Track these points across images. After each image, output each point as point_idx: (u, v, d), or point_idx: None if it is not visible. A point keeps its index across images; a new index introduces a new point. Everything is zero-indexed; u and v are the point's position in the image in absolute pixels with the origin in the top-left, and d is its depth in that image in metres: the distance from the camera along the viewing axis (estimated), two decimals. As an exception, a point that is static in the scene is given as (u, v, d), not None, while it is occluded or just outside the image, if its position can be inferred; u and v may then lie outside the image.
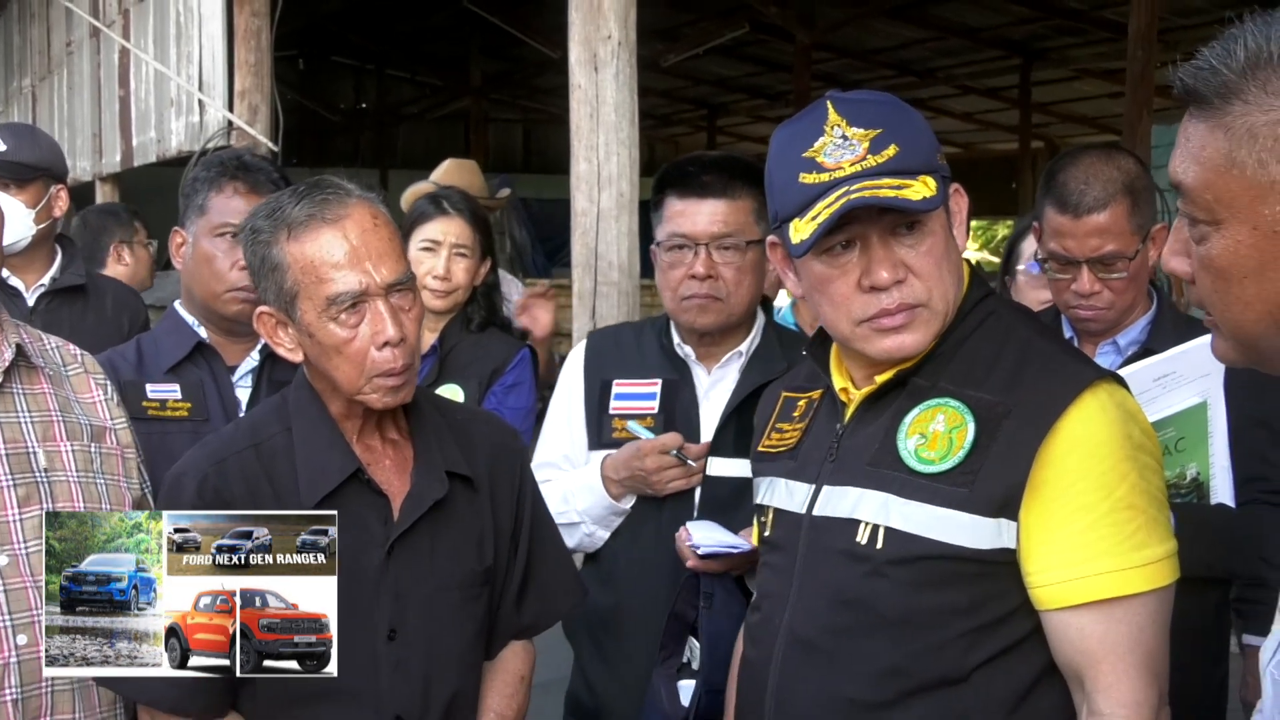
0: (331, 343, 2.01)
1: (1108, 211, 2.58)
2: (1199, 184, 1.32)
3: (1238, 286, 1.31)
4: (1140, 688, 1.81)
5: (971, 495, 1.81)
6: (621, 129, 4.33)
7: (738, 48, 16.63)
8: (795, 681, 1.93)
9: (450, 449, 2.16)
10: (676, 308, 2.69)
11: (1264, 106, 1.26)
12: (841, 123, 1.86)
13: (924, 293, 1.87)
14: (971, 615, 1.84)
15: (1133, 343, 2.68)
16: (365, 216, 2.03)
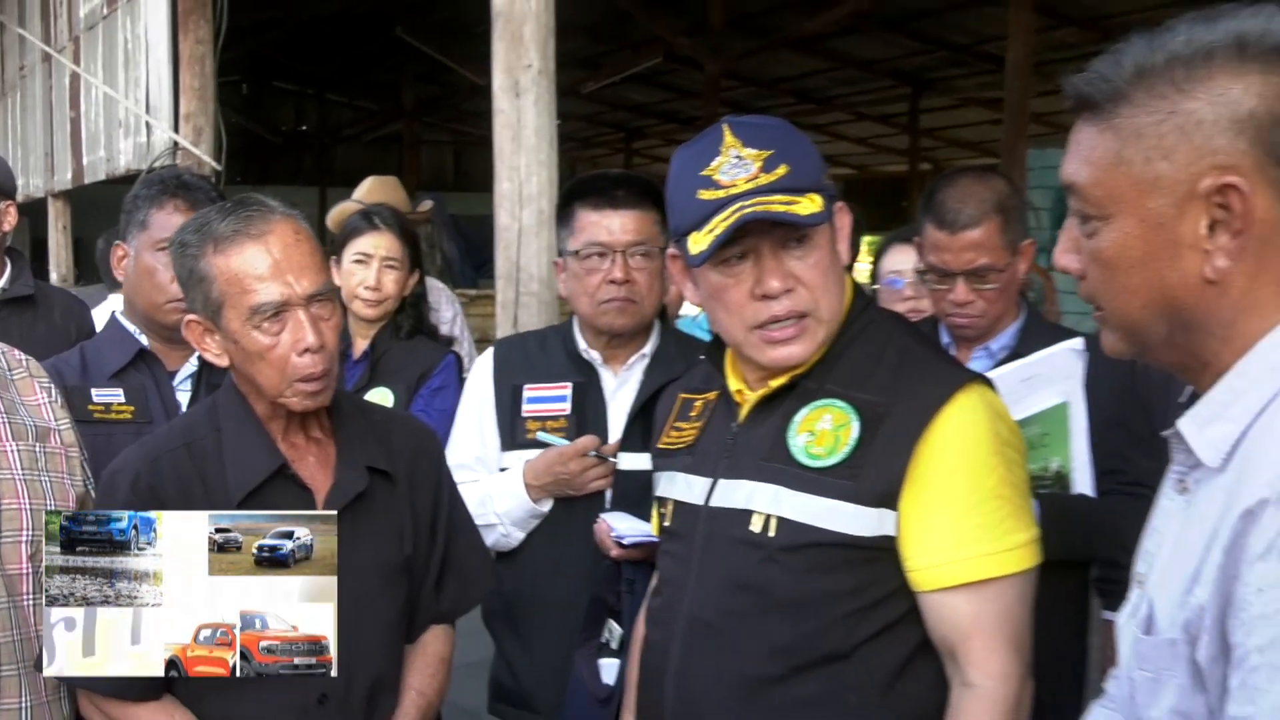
0: (255, 349, 2.00)
1: (981, 228, 2.61)
2: (1090, 182, 1.35)
3: (1124, 276, 1.34)
4: (1008, 660, 1.84)
5: (856, 488, 1.83)
6: (541, 151, 4.33)
7: (652, 76, 16.66)
8: (695, 660, 1.93)
9: (371, 446, 2.16)
10: (594, 311, 2.67)
11: (1149, 109, 1.29)
12: (737, 144, 1.88)
13: (811, 302, 1.88)
14: (855, 597, 1.86)
15: (1003, 348, 2.71)
16: (288, 232, 2.02)
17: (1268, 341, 1.30)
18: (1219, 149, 1.27)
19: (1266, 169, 1.26)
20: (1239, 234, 1.27)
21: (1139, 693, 1.36)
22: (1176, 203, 1.29)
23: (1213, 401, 1.33)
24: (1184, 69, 1.28)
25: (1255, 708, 1.18)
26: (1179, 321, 1.33)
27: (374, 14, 15.18)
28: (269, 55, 17.78)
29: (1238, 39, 1.27)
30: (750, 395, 1.99)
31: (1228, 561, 1.22)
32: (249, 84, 20.12)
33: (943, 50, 15.13)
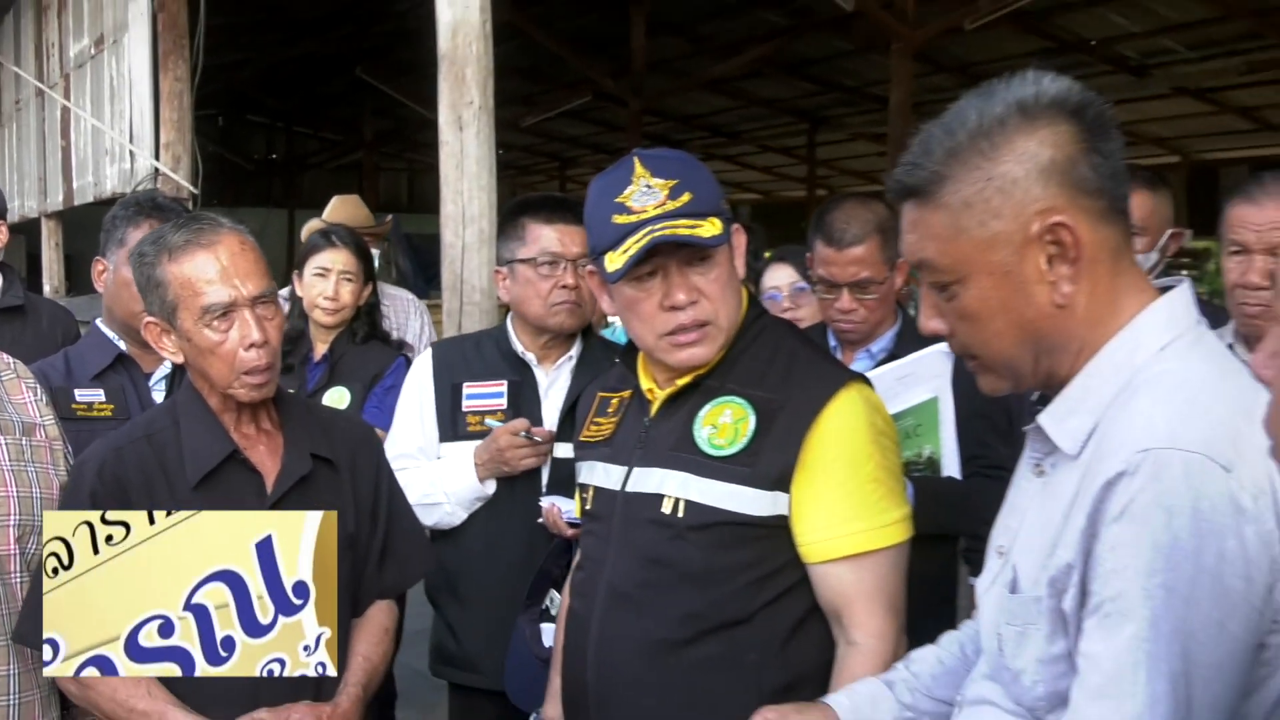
0: (206, 345, 1.99)
1: (863, 245, 2.64)
2: (937, 255, 1.38)
3: (990, 324, 1.37)
4: (885, 621, 1.87)
5: (753, 473, 1.85)
6: (481, 177, 4.30)
7: (583, 112, 16.62)
8: (614, 627, 1.93)
9: (316, 437, 2.15)
10: (545, 313, 2.65)
11: (969, 181, 1.33)
12: (646, 174, 1.88)
13: (712, 311, 1.89)
14: (754, 569, 1.87)
15: (882, 350, 2.74)
16: (234, 242, 2.02)
17: (1113, 344, 1.33)
18: (1036, 197, 1.31)
19: (1078, 200, 1.31)
20: (1075, 261, 1.31)
21: (1006, 645, 1.38)
22: (1016, 250, 1.33)
23: (1068, 398, 1.37)
24: (986, 140, 1.32)
25: (1104, 647, 1.22)
26: (1042, 348, 1.36)
27: (337, 56, 15.06)
28: (242, 91, 17.53)
29: (1019, 104, 1.32)
30: (660, 393, 2.00)
31: (1089, 525, 1.25)
32: (224, 117, 19.81)
33: (835, 92, 15.27)
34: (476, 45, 4.31)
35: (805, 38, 12.67)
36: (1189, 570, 1.18)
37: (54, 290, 9.83)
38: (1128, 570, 1.20)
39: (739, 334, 1.96)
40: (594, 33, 13.62)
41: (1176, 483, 1.19)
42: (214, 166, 10.26)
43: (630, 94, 13.52)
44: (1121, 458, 1.23)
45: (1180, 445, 1.20)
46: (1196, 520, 1.18)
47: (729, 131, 18.35)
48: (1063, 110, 1.32)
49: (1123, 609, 1.20)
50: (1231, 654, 1.19)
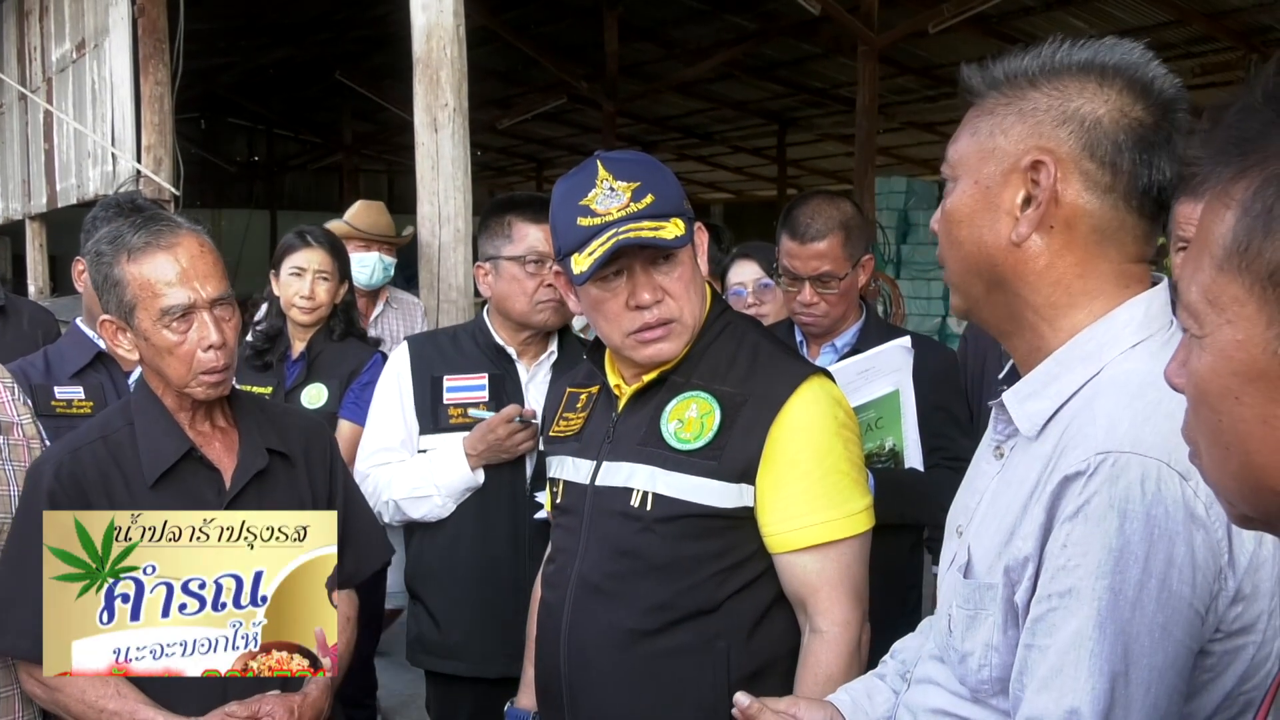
0: (164, 345, 1.97)
1: (826, 240, 2.64)
2: (952, 150, 1.38)
3: (955, 229, 1.36)
4: (848, 609, 1.87)
5: (719, 466, 1.84)
6: (457, 178, 4.28)
7: (558, 114, 16.59)
8: (584, 617, 1.93)
9: (269, 432, 2.14)
10: (530, 310, 2.64)
11: (1008, 97, 1.33)
12: (609, 177, 1.87)
13: (676, 310, 1.89)
14: (721, 559, 1.87)
15: (846, 344, 2.74)
16: (194, 244, 2.00)
17: (1084, 334, 1.31)
18: (1045, 134, 1.29)
19: (1080, 161, 1.29)
20: (1041, 207, 1.29)
21: (956, 626, 1.38)
22: (1004, 173, 1.31)
23: (1033, 380, 1.35)
24: (1040, 71, 1.32)
25: (1050, 640, 1.21)
26: (991, 278, 1.34)
27: (315, 60, 14.99)
28: (224, 95, 17.42)
29: (1090, 56, 1.31)
30: (627, 389, 1.99)
31: (1047, 519, 1.24)
32: (206, 120, 19.69)
33: (803, 93, 15.29)
34: (451, 49, 4.29)
35: (773, 41, 12.68)
36: (1137, 574, 1.17)
37: (39, 291, 9.74)
38: (1078, 569, 1.20)
39: (703, 330, 1.96)
40: (568, 37, 13.60)
41: (1132, 487, 1.18)
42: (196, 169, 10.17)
43: (604, 97, 13.51)
44: (1081, 456, 1.22)
45: (1140, 450, 1.19)
46: (1149, 525, 1.17)
47: (701, 133, 18.36)
48: (1129, 81, 1.30)
49: (1070, 606, 1.20)
50: (1173, 658, 1.19)
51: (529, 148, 21.18)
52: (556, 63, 13.47)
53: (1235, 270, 0.81)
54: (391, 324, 4.64)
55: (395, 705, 4.29)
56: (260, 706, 1.94)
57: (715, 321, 1.98)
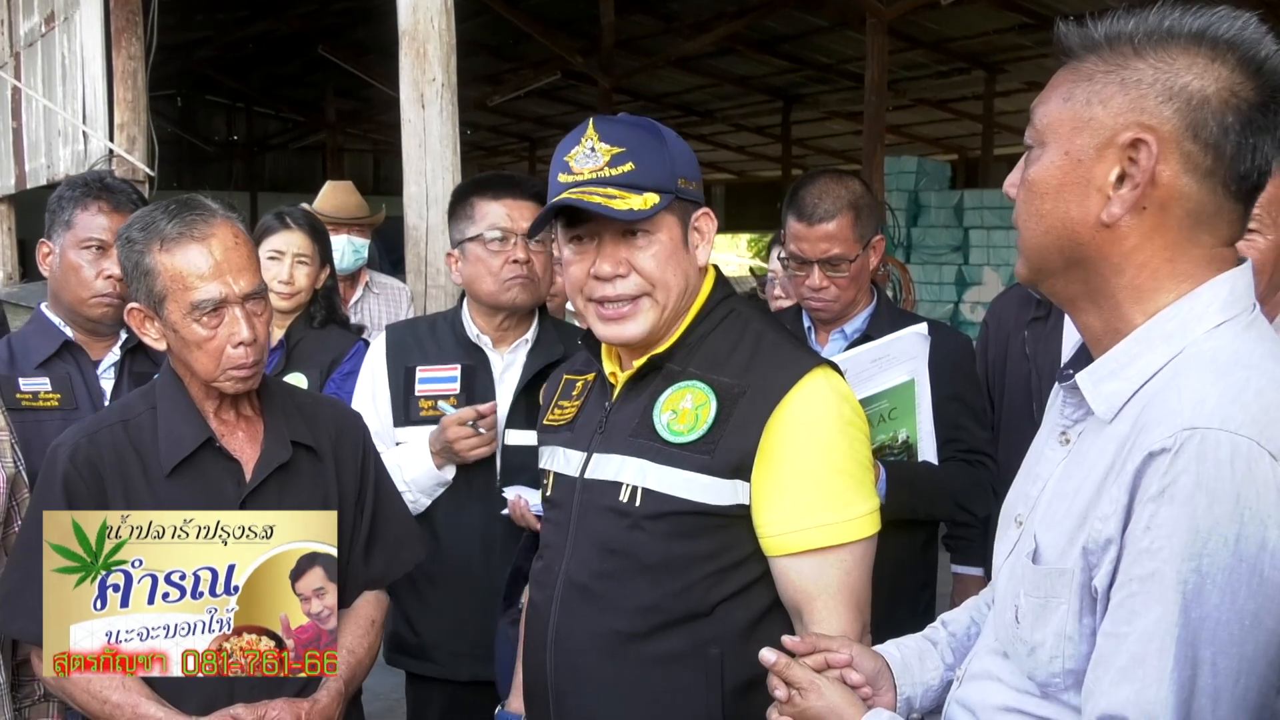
0: (194, 339, 1.98)
1: (835, 221, 2.62)
2: (1041, 113, 1.35)
3: (1038, 201, 1.34)
4: (847, 619, 1.83)
5: (712, 461, 1.81)
6: (445, 157, 4.26)
7: (552, 91, 16.58)
8: (571, 619, 1.91)
9: (296, 424, 2.14)
10: (499, 289, 2.64)
11: (1109, 63, 1.30)
12: (594, 137, 1.87)
13: (644, 285, 1.87)
14: (714, 560, 1.84)
15: (856, 330, 2.72)
16: (228, 235, 2.00)
17: (1167, 312, 1.30)
18: (1147, 109, 1.27)
19: (1183, 141, 1.26)
20: (1138, 188, 1.27)
21: (1024, 617, 1.35)
22: (1098, 147, 1.29)
23: (1111, 360, 1.33)
24: (1146, 37, 1.29)
25: (1130, 628, 1.20)
26: (1073, 257, 1.33)
27: (298, 34, 14.95)
28: (201, 71, 17.39)
29: (1202, 27, 1.28)
30: (622, 376, 1.96)
31: (1129, 499, 1.23)
32: (183, 97, 19.67)
33: (809, 69, 15.25)
34: (439, 20, 4.26)
35: (777, 14, 12.64)
36: (1226, 558, 1.15)
37: (8, 276, 9.70)
38: (1162, 551, 1.18)
39: (702, 316, 1.93)
40: (562, 10, 13.55)
41: (1222, 466, 1.16)
42: (173, 148, 10.15)
43: (600, 72, 13.47)
44: (1166, 432, 1.20)
45: (1230, 427, 1.17)
46: (1239, 506, 1.15)
47: (701, 110, 18.32)
48: (1242, 58, 1.27)
49: (1153, 591, 1.18)
50: (1264, 648, 1.17)
51: (521, 126, 21.15)
52: (550, 36, 13.43)
53: None
54: (373, 309, 4.62)
55: (380, 710, 4.28)
56: (267, 711, 1.95)
57: (717, 307, 1.95)
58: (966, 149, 19.02)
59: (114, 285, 2.54)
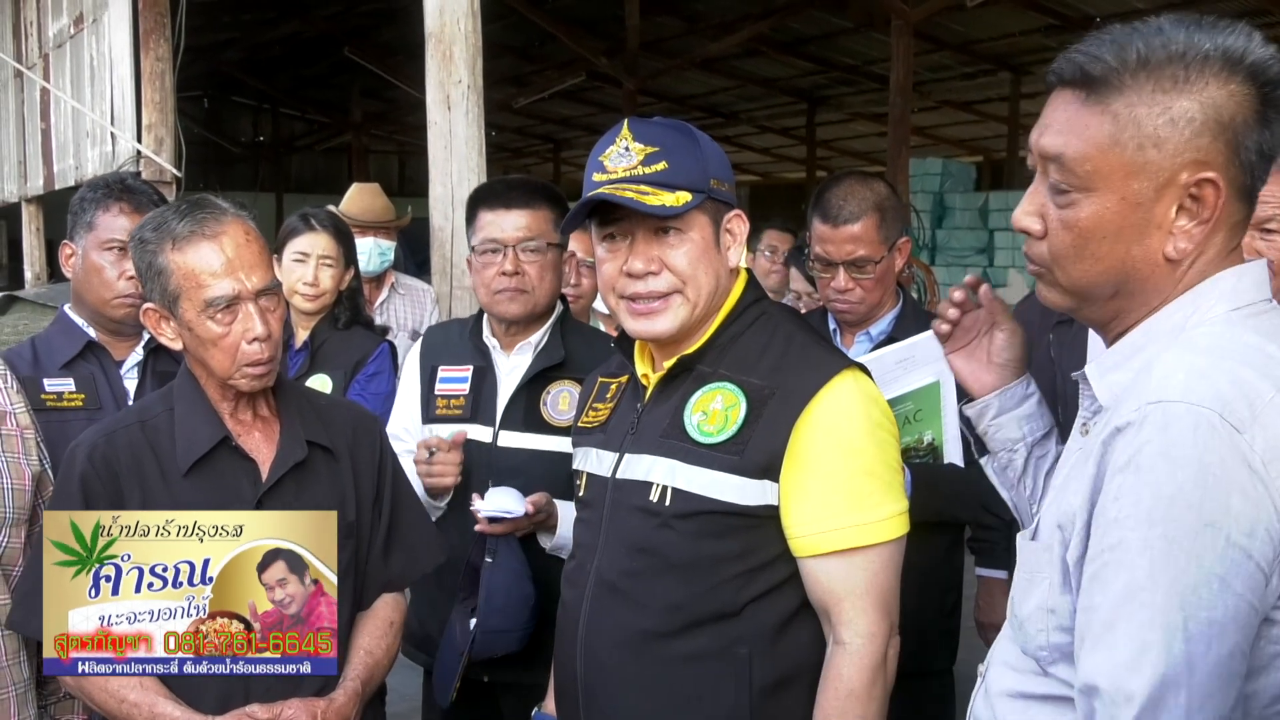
0: (208, 337, 1.99)
1: (860, 223, 2.61)
2: (1080, 157, 1.34)
3: (1096, 244, 1.35)
4: (875, 620, 1.83)
5: (741, 461, 1.82)
6: (471, 159, 4.29)
7: (577, 93, 16.62)
8: (601, 617, 1.92)
9: (313, 424, 2.15)
10: (490, 300, 2.65)
11: (1149, 102, 1.30)
12: (629, 137, 1.88)
13: (676, 283, 1.88)
14: (743, 560, 1.84)
15: (881, 333, 2.71)
16: (239, 233, 2.01)
17: (1173, 305, 1.34)
18: (1201, 146, 1.29)
19: (1229, 170, 1.30)
20: (1206, 222, 1.31)
21: (1017, 592, 1.39)
22: (1157, 188, 1.31)
23: (1116, 352, 1.37)
24: (1183, 69, 1.29)
25: (1103, 598, 1.21)
26: (1125, 290, 1.36)
27: (324, 36, 15.03)
28: (228, 72, 17.50)
29: (1226, 51, 1.29)
30: (654, 378, 1.97)
31: (1097, 472, 1.25)
32: (209, 98, 19.78)
33: (834, 70, 15.24)
34: (465, 23, 4.28)
35: (802, 15, 12.64)
36: (1192, 522, 1.17)
37: (36, 276, 9.78)
38: (1129, 520, 1.20)
39: (733, 318, 1.94)
40: (587, 11, 13.59)
41: (1185, 434, 1.18)
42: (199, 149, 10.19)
43: (624, 74, 13.49)
44: (1132, 407, 1.23)
45: (1192, 400, 1.19)
46: (1202, 472, 1.17)
47: (726, 112, 18.33)
48: (1258, 76, 1.30)
49: (1121, 559, 1.20)
50: (1234, 612, 1.17)
51: (546, 128, 21.21)
52: (575, 38, 13.47)
53: None
54: (399, 311, 4.63)
55: (407, 710, 4.29)
56: (284, 711, 1.96)
57: (748, 310, 1.96)
58: (991, 151, 18.96)
59: (136, 286, 2.56)
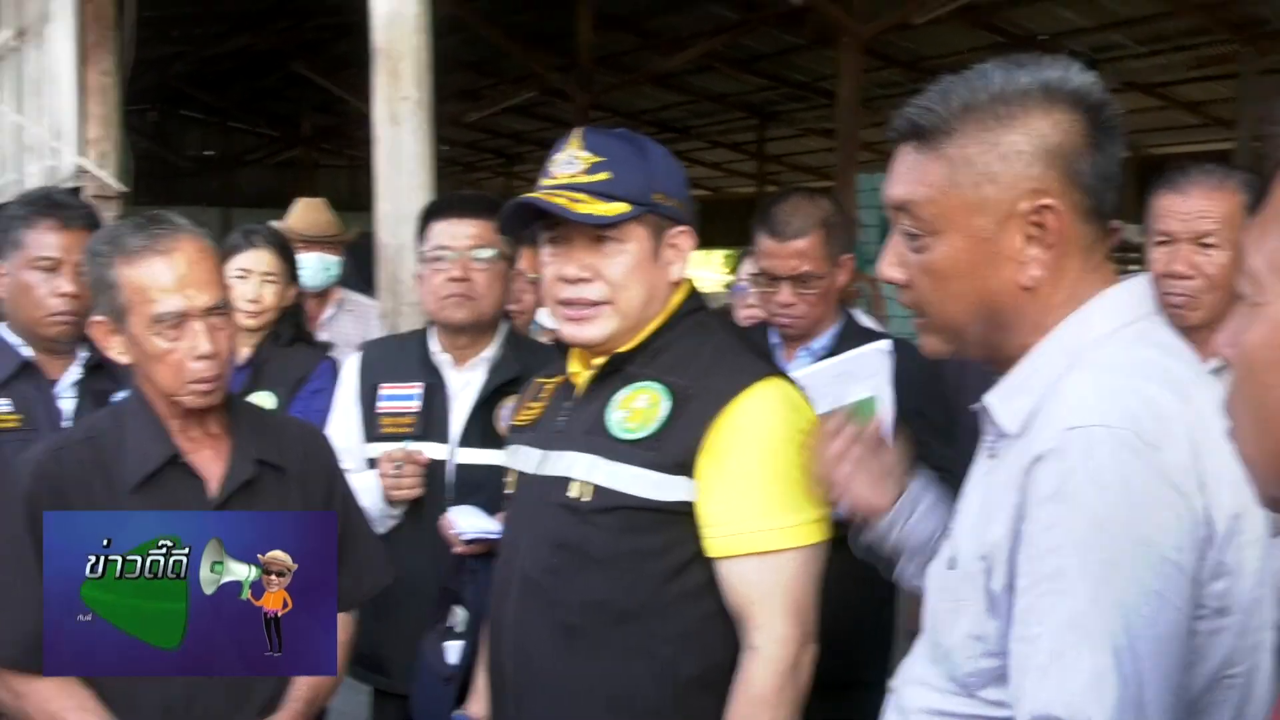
0: (155, 352, 1.99)
1: (806, 239, 2.65)
2: (923, 202, 1.39)
3: (954, 284, 1.39)
4: (787, 626, 1.84)
5: (658, 457, 1.84)
6: (419, 175, 4.27)
7: (529, 107, 16.58)
8: (525, 613, 1.93)
9: (263, 442, 2.14)
10: (437, 307, 2.66)
11: (977, 140, 1.35)
12: (578, 146, 1.92)
13: (607, 293, 1.91)
14: (662, 557, 1.86)
15: (823, 348, 2.75)
16: (193, 250, 2.01)
17: (1061, 328, 1.37)
18: (1034, 175, 1.34)
19: (1068, 194, 1.34)
20: (1051, 247, 1.34)
21: (939, 622, 1.40)
22: (999, 221, 1.35)
23: (1015, 378, 1.39)
24: (1004, 106, 1.34)
25: (1043, 627, 1.22)
26: (994, 322, 1.39)
27: (273, 50, 14.93)
28: (177, 86, 17.34)
29: (1044, 83, 1.34)
30: (584, 377, 2.00)
31: (1020, 500, 1.27)
32: (158, 112, 19.59)
33: (784, 86, 15.33)
34: (413, 38, 4.27)
35: (754, 32, 12.72)
36: (1126, 543, 1.19)
37: (-23, 293, 9.65)
38: (1064, 548, 1.21)
39: (669, 325, 1.96)
40: (540, 26, 13.59)
41: (1107, 459, 1.21)
42: (147, 164, 10.10)
43: (577, 89, 13.49)
44: (1051, 435, 1.25)
45: (1109, 422, 1.22)
46: (1128, 494, 1.20)
47: (678, 127, 18.36)
48: (1081, 102, 1.35)
49: (1061, 587, 1.21)
50: (1175, 625, 1.21)
51: (498, 142, 21.15)
52: (528, 53, 13.47)
53: None
54: (345, 327, 4.61)
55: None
56: None
57: (686, 318, 1.99)
58: (941, 167, 19.12)
59: (69, 303, 2.53)
